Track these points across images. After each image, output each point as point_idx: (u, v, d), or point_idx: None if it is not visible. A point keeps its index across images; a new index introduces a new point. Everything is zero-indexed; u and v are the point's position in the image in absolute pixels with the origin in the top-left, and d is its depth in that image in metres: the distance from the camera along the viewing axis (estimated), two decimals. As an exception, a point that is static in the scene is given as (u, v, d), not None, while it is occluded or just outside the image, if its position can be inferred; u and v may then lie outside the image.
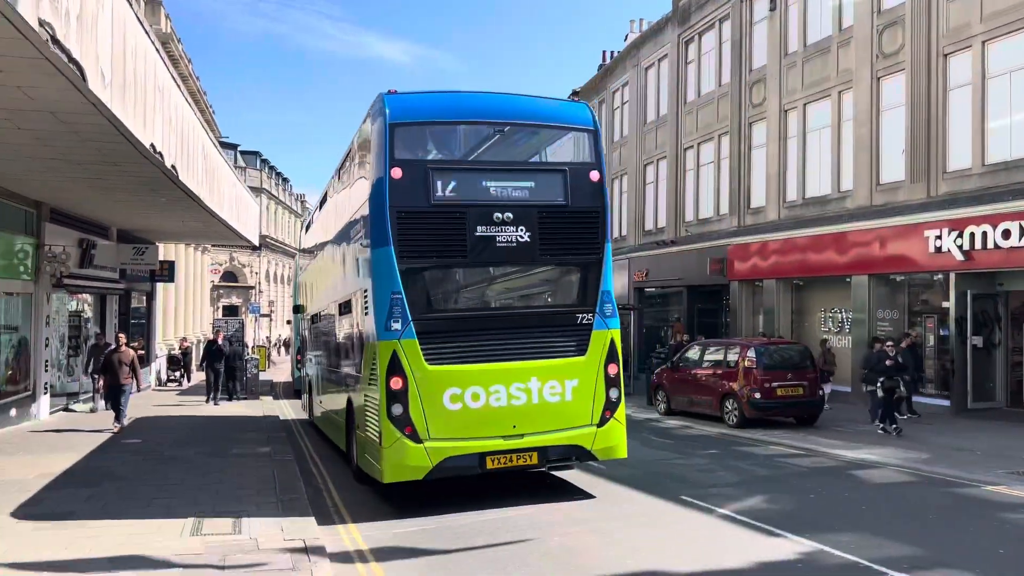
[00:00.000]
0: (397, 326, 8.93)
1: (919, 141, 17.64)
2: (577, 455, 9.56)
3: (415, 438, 8.81)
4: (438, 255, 9.43)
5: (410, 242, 9.10)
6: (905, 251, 17.70)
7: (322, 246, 15.08)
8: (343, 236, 11.81)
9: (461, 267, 9.61)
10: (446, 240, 9.29)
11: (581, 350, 9.57)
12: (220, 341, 21.49)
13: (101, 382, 16.09)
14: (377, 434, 9.09)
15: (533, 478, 10.91)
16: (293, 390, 24.11)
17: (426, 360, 8.91)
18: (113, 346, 16.32)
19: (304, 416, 18.29)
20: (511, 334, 9.43)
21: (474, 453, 9.00)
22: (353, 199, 10.93)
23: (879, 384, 14.66)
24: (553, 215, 9.63)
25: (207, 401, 20.69)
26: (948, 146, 17.15)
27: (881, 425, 14.58)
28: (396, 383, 8.83)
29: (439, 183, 9.26)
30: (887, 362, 14.62)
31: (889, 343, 15.39)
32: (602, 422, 9.54)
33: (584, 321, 9.68)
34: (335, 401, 12.82)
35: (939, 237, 16.71)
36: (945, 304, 17.20)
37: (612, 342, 9.75)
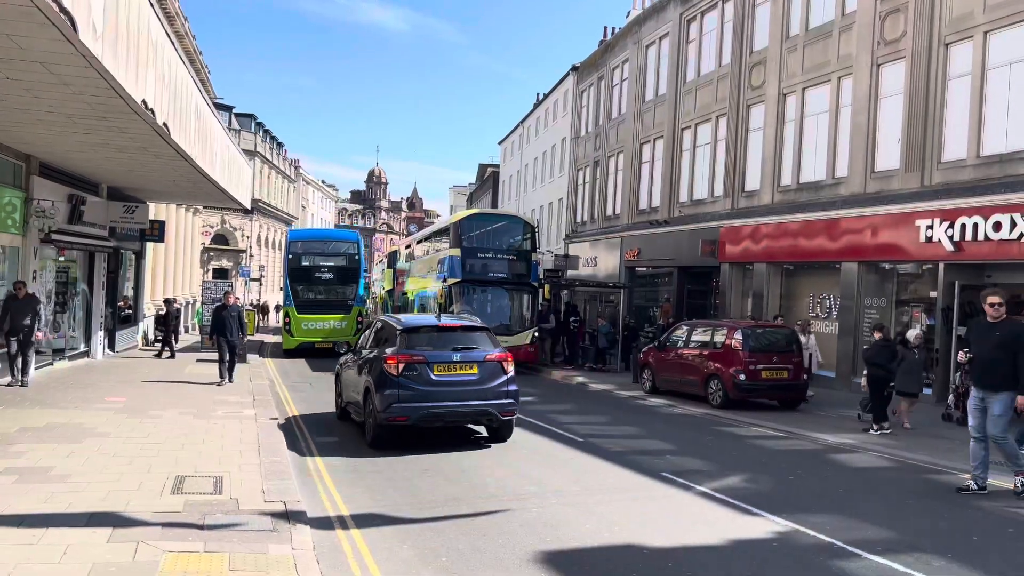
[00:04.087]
0: (289, 302, 27.20)
1: (915, 130, 17.62)
2: (347, 345, 24.21)
3: (291, 335, 26.74)
4: (302, 280, 27.55)
5: (294, 275, 27.59)
6: (896, 240, 17.74)
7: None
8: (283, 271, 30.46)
9: (309, 284, 27.64)
10: (304, 276, 27.68)
11: (347, 312, 27.37)
12: (231, 304, 17.80)
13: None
14: (283, 335, 27.60)
15: (514, 447, 10.99)
16: None
17: (297, 312, 26.81)
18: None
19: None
20: (326, 306, 27.20)
21: (311, 342, 26.58)
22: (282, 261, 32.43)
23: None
24: (341, 268, 27.98)
25: (220, 381, 16.75)
26: (944, 136, 17.13)
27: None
28: (287, 319, 27.09)
29: (302, 258, 27.91)
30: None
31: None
32: (354, 334, 25.63)
33: (350, 303, 27.59)
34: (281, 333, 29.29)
35: (930, 227, 16.74)
36: (933, 294, 17.28)
37: (360, 311, 27.80)
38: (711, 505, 8.33)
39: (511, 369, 11.30)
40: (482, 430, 12.02)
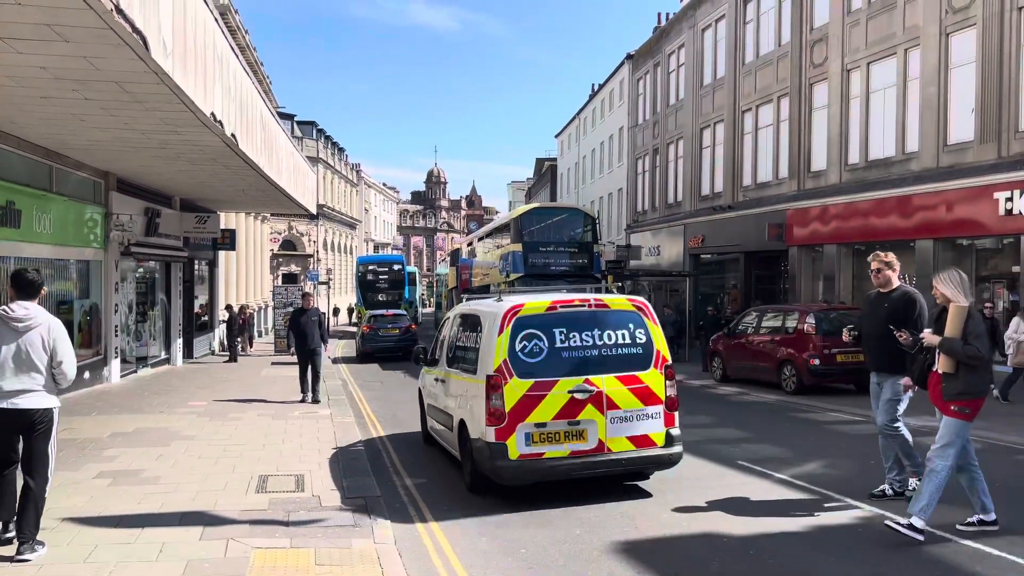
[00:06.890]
0: (360, 303, 41.75)
1: (990, 99, 16.94)
2: (356, 325, 39.07)
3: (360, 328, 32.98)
4: (367, 289, 41.55)
5: (362, 285, 42.24)
6: (973, 214, 17.11)
7: None
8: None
9: (372, 291, 41.00)
10: (369, 286, 41.74)
11: (397, 308, 33.97)
12: (310, 307, 15.06)
13: None
14: (356, 328, 37.32)
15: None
16: None
17: (365, 309, 36.27)
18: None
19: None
20: (383, 305, 35.99)
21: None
22: (354, 276, 47.96)
23: None
24: (392, 280, 42.10)
25: (303, 397, 14.55)
26: (1021, 104, 16.44)
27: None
28: (356, 315, 44.31)
29: (367, 272, 42.74)
30: None
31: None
32: (414, 323, 32.69)
33: (398, 302, 38.74)
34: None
35: (1010, 199, 16.09)
36: (1015, 268, 16.62)
37: (405, 308, 36.53)
38: (791, 492, 8.19)
39: (415, 328, 27.72)
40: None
